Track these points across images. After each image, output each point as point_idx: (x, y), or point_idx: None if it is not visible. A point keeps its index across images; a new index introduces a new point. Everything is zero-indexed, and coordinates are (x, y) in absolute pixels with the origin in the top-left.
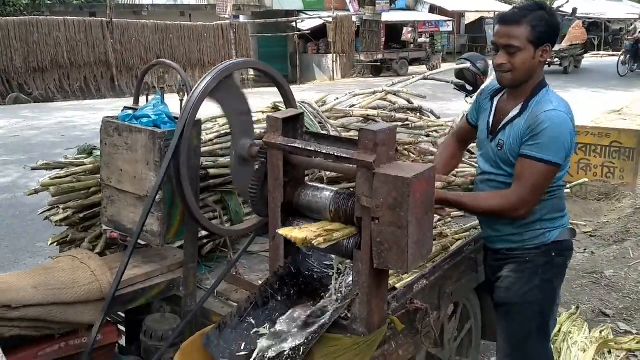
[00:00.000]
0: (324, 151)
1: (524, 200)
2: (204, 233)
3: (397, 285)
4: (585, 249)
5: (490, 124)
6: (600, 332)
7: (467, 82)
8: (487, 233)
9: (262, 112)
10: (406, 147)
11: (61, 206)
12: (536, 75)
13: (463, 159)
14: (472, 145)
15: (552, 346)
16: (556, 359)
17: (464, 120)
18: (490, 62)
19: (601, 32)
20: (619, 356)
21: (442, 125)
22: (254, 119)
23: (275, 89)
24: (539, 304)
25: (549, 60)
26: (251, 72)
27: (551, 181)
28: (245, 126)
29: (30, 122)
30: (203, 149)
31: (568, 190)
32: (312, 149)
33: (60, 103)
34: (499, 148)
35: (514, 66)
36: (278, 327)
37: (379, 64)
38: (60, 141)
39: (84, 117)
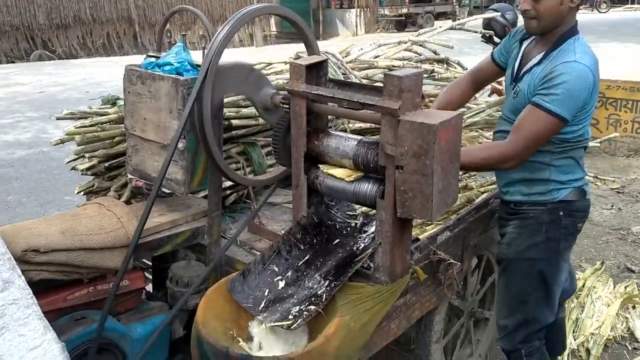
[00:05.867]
0: (348, 98)
1: (516, 151)
2: (227, 184)
3: (421, 237)
4: (612, 205)
5: (515, 70)
6: (625, 288)
7: (495, 33)
8: (500, 184)
9: (285, 62)
10: (432, 98)
11: (87, 155)
12: (566, 22)
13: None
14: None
15: (576, 300)
16: (579, 314)
17: (488, 58)
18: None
19: None
20: None
21: None
22: (276, 69)
23: (296, 46)
24: (539, 263)
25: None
26: (273, 27)
27: (552, 135)
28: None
29: (55, 78)
30: (226, 100)
31: (598, 145)
32: (335, 96)
33: (83, 60)
34: (515, 95)
35: (539, 13)
36: (301, 274)
37: (403, 18)
38: (85, 97)
39: (107, 74)
